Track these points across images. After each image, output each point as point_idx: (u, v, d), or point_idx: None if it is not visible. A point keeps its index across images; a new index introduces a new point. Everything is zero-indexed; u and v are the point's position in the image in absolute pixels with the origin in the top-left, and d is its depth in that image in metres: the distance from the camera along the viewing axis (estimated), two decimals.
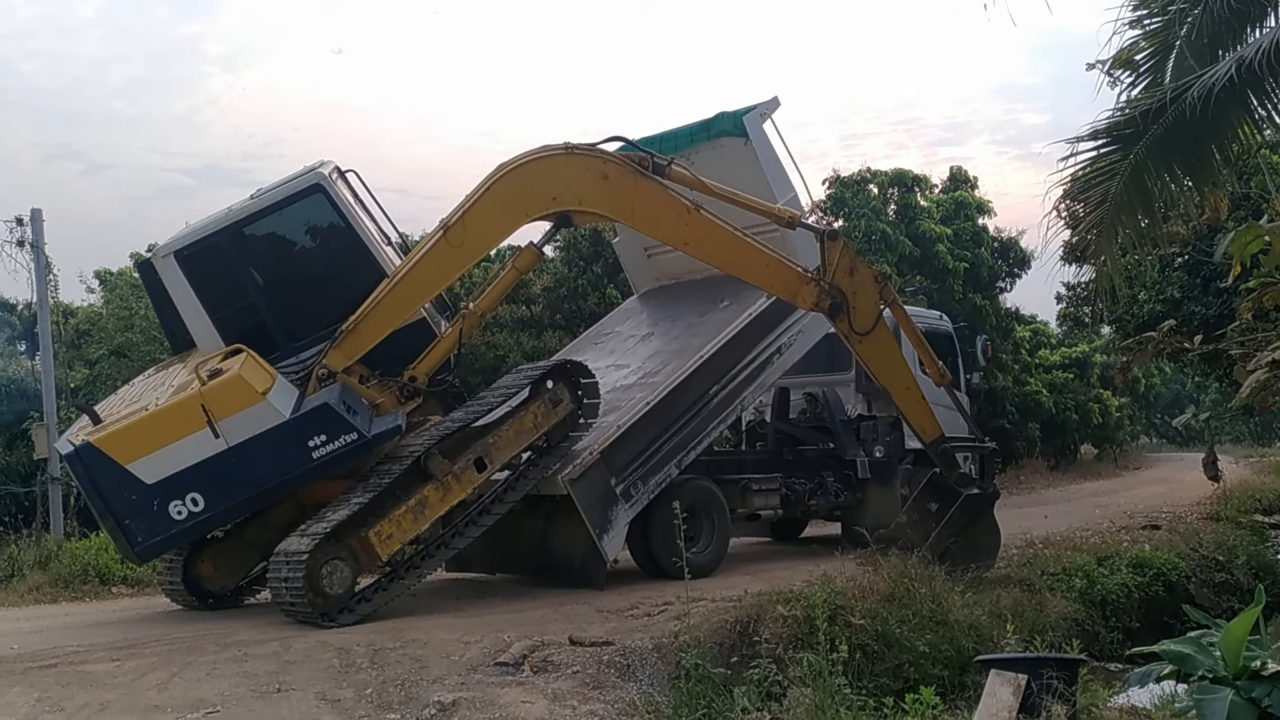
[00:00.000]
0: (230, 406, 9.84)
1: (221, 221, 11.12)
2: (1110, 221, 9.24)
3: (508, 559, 12.68)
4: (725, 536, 12.86)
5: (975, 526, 11.86)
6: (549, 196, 10.71)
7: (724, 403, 12.55)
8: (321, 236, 11.46)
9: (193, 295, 10.93)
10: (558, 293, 22.01)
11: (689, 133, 13.87)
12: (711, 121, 13.66)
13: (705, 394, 12.29)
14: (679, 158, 12.33)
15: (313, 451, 10.09)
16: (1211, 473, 13.63)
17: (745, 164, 13.00)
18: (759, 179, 12.83)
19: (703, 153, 13.32)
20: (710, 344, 12.51)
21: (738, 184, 11.75)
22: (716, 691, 7.74)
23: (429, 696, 7.61)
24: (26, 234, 17.67)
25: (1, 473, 19.61)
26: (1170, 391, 46.28)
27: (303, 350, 10.80)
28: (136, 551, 10.22)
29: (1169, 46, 10.05)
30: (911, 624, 9.18)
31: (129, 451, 9.83)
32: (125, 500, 9.91)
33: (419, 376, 10.90)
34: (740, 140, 13.18)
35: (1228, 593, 13.63)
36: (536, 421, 11.30)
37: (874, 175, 29.06)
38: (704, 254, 11.47)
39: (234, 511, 10.58)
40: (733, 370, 12.59)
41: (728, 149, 13.27)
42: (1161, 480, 27.79)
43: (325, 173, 11.16)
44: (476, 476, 10.85)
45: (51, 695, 7.65)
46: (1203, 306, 16.93)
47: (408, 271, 10.66)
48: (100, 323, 24.33)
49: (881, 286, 11.50)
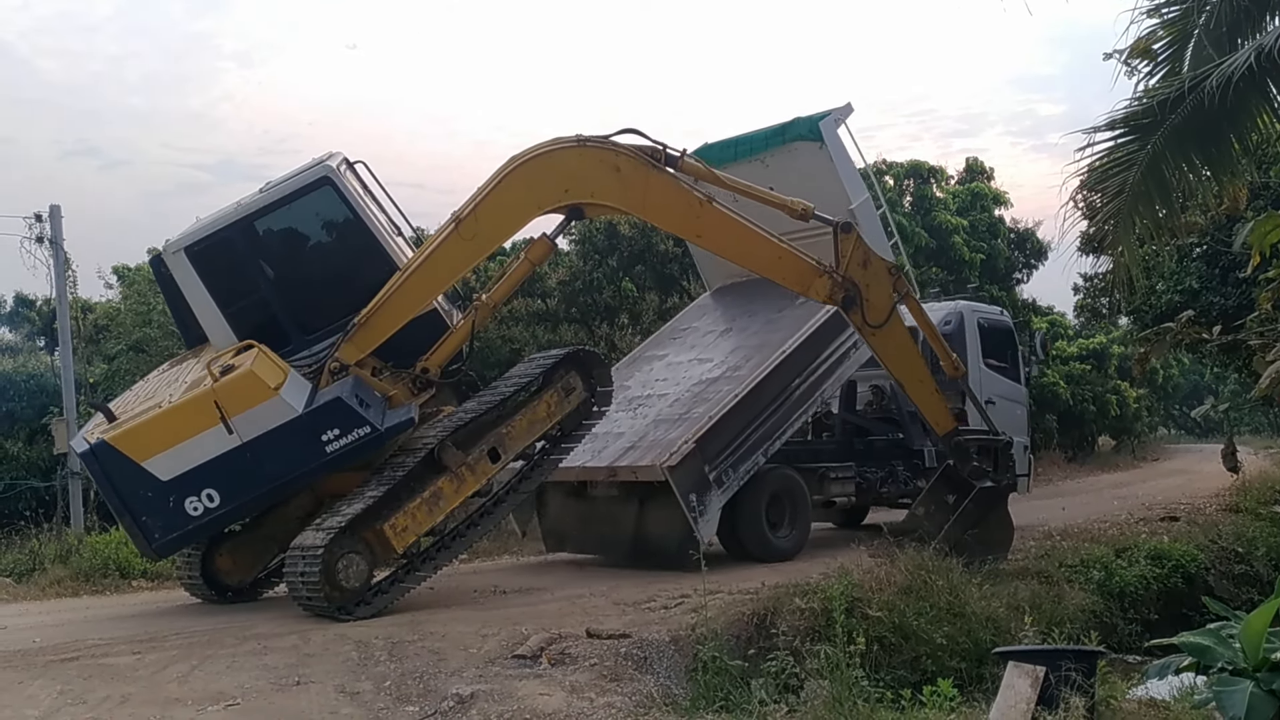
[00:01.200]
0: (243, 402, 9.88)
1: (231, 216, 11.14)
2: (1128, 212, 9.18)
3: (603, 543, 13.35)
4: (807, 522, 13.58)
5: (988, 520, 11.83)
6: (561, 189, 10.71)
7: (805, 395, 13.16)
8: (331, 229, 11.47)
9: (204, 290, 10.96)
10: (573, 286, 22.03)
11: (764, 137, 14.52)
12: (787, 126, 14.29)
13: (788, 387, 12.85)
14: (753, 160, 13.70)
15: (326, 445, 10.13)
16: (1230, 464, 13.54)
17: (819, 167, 13.55)
18: (833, 181, 13.38)
19: (777, 156, 13.98)
20: (791, 340, 13.12)
21: (811, 186, 12.49)
22: (734, 684, 7.74)
23: (447, 689, 7.64)
24: (45, 230, 17.78)
25: (22, 468, 19.74)
26: (1189, 383, 45.98)
27: (315, 343, 10.83)
28: (154, 548, 10.29)
29: (1187, 35, 9.97)
30: (929, 616, 9.16)
31: (144, 449, 9.88)
32: (141, 497, 9.96)
33: (431, 368, 10.90)
34: (815, 145, 13.71)
35: (1247, 584, 13.53)
36: (550, 410, 11.28)
37: (890, 167, 28.97)
38: (717, 246, 11.58)
39: (249, 506, 10.62)
40: (812, 364, 13.19)
41: (802, 153, 13.81)
42: (1180, 472, 27.63)
43: (333, 165, 11.16)
44: (491, 467, 10.84)
45: (74, 688, 7.71)
46: (1221, 297, 16.78)
47: (420, 264, 10.66)
48: (118, 318, 24.46)
49: (895, 279, 11.47)
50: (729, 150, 14.50)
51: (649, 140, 10.81)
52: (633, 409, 13.41)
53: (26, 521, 16.13)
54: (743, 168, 13.48)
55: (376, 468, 10.52)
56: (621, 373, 14.31)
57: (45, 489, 18.35)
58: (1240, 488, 18.49)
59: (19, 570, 14.60)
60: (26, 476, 19.25)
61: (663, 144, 10.85)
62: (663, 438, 12.21)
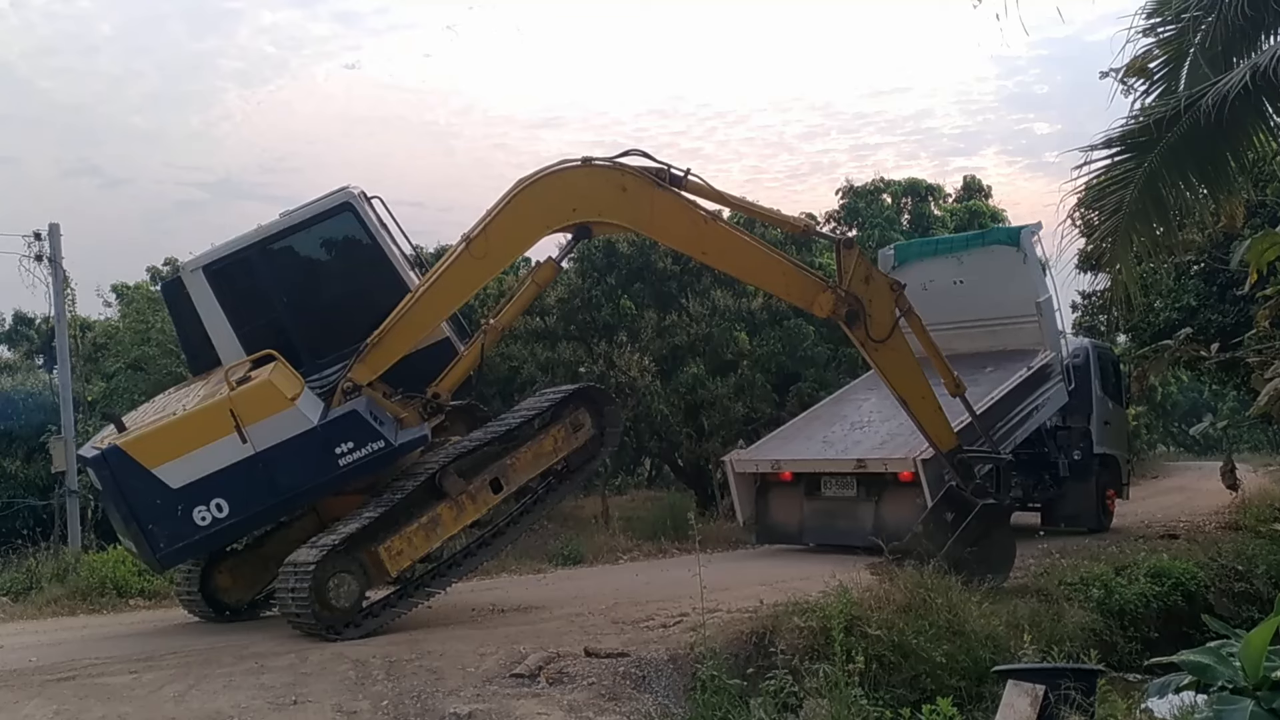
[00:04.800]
0: (259, 412, 9.90)
1: (250, 238, 11.22)
2: (1125, 229, 9.22)
3: (838, 533, 14.65)
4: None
5: (990, 538, 11.79)
6: (569, 208, 10.85)
7: (1004, 436, 14.87)
8: (349, 254, 11.53)
9: (219, 310, 10.98)
10: (571, 304, 22.00)
11: (964, 240, 18.11)
12: (988, 232, 18.61)
13: (993, 427, 14.11)
14: (950, 256, 16.89)
15: (340, 459, 10.15)
16: (1230, 481, 13.54)
17: (1012, 266, 16.26)
18: (1024, 280, 16.19)
19: (975, 255, 16.77)
20: (992, 394, 14.90)
21: (1004, 280, 16.13)
22: (733, 703, 7.73)
23: (445, 708, 7.62)
24: (44, 248, 17.78)
25: (20, 486, 19.69)
26: (1187, 400, 45.92)
27: (326, 367, 10.81)
28: (158, 558, 10.24)
29: (1183, 54, 10.03)
30: (928, 635, 9.11)
31: (155, 455, 9.88)
32: (149, 505, 9.93)
33: (442, 394, 10.93)
34: (1013, 249, 16.36)
35: (1247, 602, 13.47)
36: (557, 445, 11.32)
37: (887, 185, 29.01)
38: (722, 263, 11.79)
39: (257, 519, 10.59)
40: (1007, 416, 15.19)
41: (999, 254, 16.48)
42: (1179, 489, 27.59)
43: (355, 192, 11.26)
44: (492, 497, 10.88)
45: (70, 708, 7.68)
46: (1219, 314, 16.77)
47: (431, 284, 10.77)
48: (117, 336, 24.48)
49: (897, 295, 11.52)
50: (929, 247, 17.78)
51: (654, 161, 10.98)
52: (857, 429, 15.75)
53: (24, 540, 16.08)
54: (938, 262, 16.88)
55: (377, 490, 10.52)
56: (833, 405, 17.29)
57: (43, 507, 18.31)
58: (1240, 505, 18.52)
59: (16, 589, 14.54)
60: (24, 494, 19.21)
61: (667, 164, 11.01)
62: (906, 443, 13.88)
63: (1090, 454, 17.70)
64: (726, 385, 21.04)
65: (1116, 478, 18.94)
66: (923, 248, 17.90)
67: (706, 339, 21.43)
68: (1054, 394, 16.29)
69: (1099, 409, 18.00)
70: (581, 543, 17.38)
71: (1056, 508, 17.88)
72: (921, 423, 11.77)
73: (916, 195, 29.07)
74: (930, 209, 28.80)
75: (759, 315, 21.95)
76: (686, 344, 21.46)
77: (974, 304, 16.27)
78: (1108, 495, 18.46)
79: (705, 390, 20.95)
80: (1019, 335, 16.34)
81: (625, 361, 20.76)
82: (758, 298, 22.04)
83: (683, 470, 23.91)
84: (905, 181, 29.30)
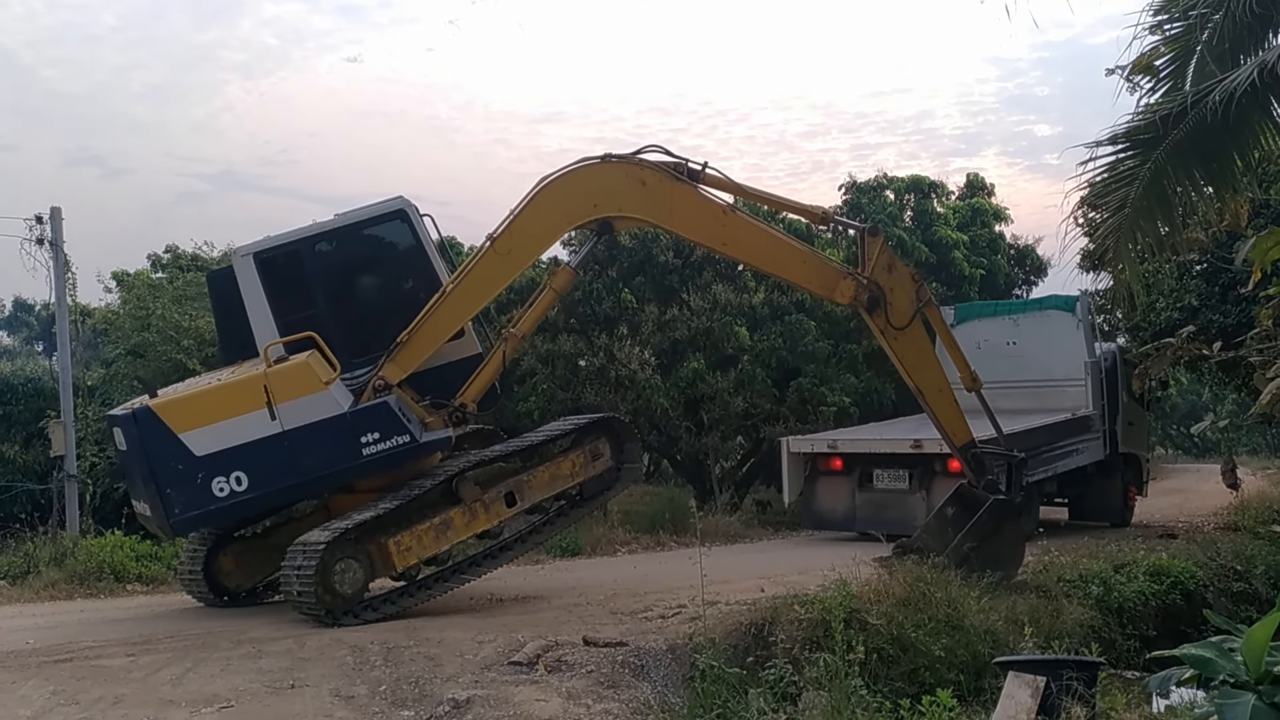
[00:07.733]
0: (292, 391, 10.05)
1: (303, 232, 11.34)
2: (1128, 227, 9.17)
3: (887, 523, 14.55)
4: (1035, 511, 16.23)
5: (999, 534, 11.76)
6: (590, 204, 11.03)
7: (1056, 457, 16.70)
8: (397, 260, 11.70)
9: (264, 299, 11.00)
10: (572, 296, 21.94)
11: (1021, 304, 20.38)
12: (1045, 299, 19.37)
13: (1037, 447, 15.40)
14: (1006, 318, 18.44)
15: (364, 448, 10.25)
16: (1230, 480, 13.51)
17: (1065, 330, 17.82)
18: (1077, 342, 17.68)
19: (1031, 317, 18.39)
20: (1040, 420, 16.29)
21: (1055, 343, 17.69)
22: (731, 692, 7.71)
23: (443, 694, 7.63)
24: (46, 232, 17.67)
25: (18, 470, 19.63)
26: (1186, 402, 45.90)
27: (359, 367, 10.83)
28: (171, 523, 10.29)
29: (1189, 51, 9.98)
30: (927, 628, 9.10)
31: (184, 420, 10.02)
32: (171, 469, 10.03)
33: (468, 402, 11.04)
34: (1068, 314, 17.89)
35: (1246, 602, 13.47)
36: (574, 470, 11.50)
37: (890, 181, 28.92)
38: (742, 253, 12.13)
39: (274, 498, 10.65)
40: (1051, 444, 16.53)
41: (1054, 318, 18.04)
42: (1178, 490, 27.57)
43: (410, 202, 11.38)
44: (504, 510, 11.02)
45: (67, 689, 7.70)
46: (1221, 314, 16.72)
47: (459, 282, 10.92)
48: (117, 323, 24.39)
49: (918, 286, 11.54)
50: (988, 309, 19.26)
51: (673, 156, 11.10)
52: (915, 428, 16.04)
53: (22, 524, 16.06)
54: (995, 323, 18.38)
55: (393, 487, 10.58)
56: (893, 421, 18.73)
57: (41, 492, 18.26)
58: (1238, 507, 18.58)
59: (13, 573, 14.52)
60: (23, 479, 19.16)
61: (685, 159, 11.13)
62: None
63: (1115, 453, 18.40)
64: (727, 380, 20.99)
65: (1138, 475, 19.75)
66: (981, 309, 19.28)
67: (707, 333, 21.38)
68: (1093, 447, 17.58)
69: (1124, 411, 18.69)
70: (579, 535, 17.35)
71: (1083, 502, 18.93)
72: (936, 415, 11.71)
73: (919, 192, 28.94)
74: (933, 206, 28.67)
75: (760, 310, 21.92)
76: (687, 338, 21.43)
77: (1025, 365, 17.56)
78: (1130, 492, 19.25)
79: (705, 384, 20.91)
80: (1063, 398, 17.51)
81: (625, 354, 20.76)
82: (759, 293, 22.01)
83: (682, 464, 23.89)
84: (908, 178, 29.21)
